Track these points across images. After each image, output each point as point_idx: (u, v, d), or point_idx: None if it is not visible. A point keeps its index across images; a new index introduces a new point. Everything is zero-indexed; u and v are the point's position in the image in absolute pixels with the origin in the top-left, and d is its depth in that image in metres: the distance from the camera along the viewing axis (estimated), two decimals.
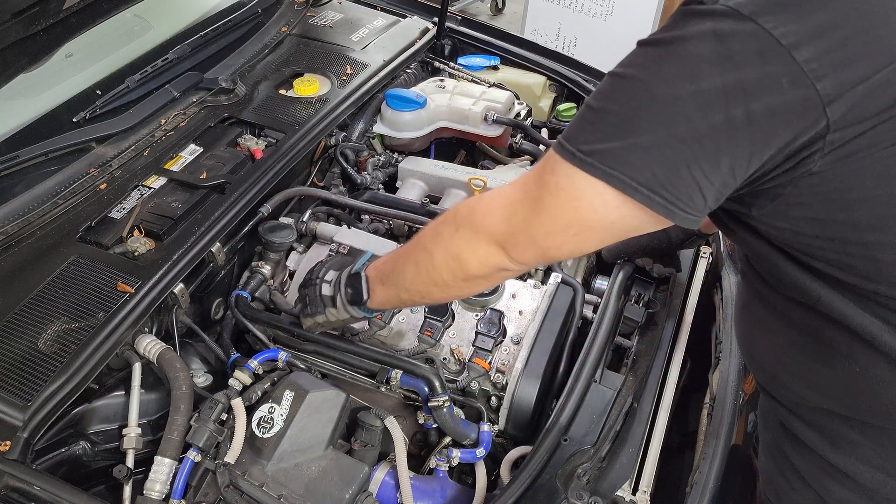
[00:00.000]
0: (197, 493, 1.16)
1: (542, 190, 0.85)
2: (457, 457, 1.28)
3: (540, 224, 0.86)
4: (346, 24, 2.23)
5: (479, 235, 0.94)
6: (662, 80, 0.76)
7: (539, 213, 0.86)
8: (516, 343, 1.41)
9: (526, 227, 0.88)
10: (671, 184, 0.77)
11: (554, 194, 0.84)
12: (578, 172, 0.80)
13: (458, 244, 0.97)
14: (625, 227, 0.84)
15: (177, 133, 1.72)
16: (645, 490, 1.18)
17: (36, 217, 1.45)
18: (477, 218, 0.94)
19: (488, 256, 0.94)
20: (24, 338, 1.23)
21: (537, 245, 0.89)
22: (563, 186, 0.82)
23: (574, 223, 0.84)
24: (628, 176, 0.77)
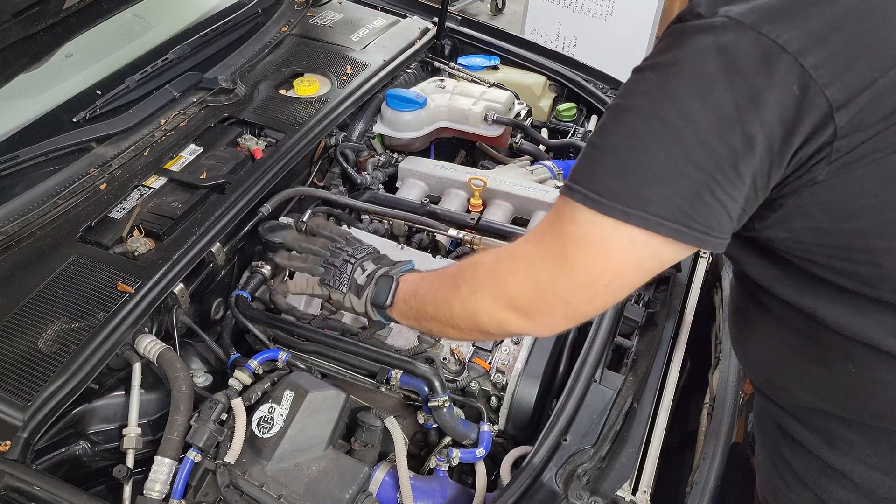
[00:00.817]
0: (197, 493, 1.16)
1: (565, 243, 0.80)
2: (457, 457, 1.28)
3: (569, 282, 0.82)
4: (346, 24, 2.23)
5: (498, 302, 0.89)
6: (671, 105, 0.73)
7: (566, 270, 0.81)
8: (516, 343, 1.41)
9: (553, 288, 0.83)
10: (697, 213, 0.74)
11: (578, 246, 0.79)
12: (599, 217, 0.76)
13: (476, 306, 0.92)
14: (658, 264, 0.80)
15: (177, 133, 1.72)
16: (645, 490, 1.18)
17: (36, 217, 1.45)
18: (497, 283, 0.90)
19: (508, 322, 0.90)
20: (24, 338, 1.23)
21: (567, 304, 0.84)
22: (587, 235, 0.78)
23: (605, 272, 0.80)
24: (651, 213, 0.74)
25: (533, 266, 0.84)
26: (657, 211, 0.73)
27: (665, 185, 0.73)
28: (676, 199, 0.73)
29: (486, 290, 0.91)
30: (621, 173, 0.75)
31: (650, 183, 0.74)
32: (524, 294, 0.86)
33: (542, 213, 1.71)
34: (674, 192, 0.73)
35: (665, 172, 0.73)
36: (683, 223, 0.74)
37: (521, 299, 0.86)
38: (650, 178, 0.74)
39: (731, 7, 0.72)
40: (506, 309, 0.89)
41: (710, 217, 0.74)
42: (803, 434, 0.98)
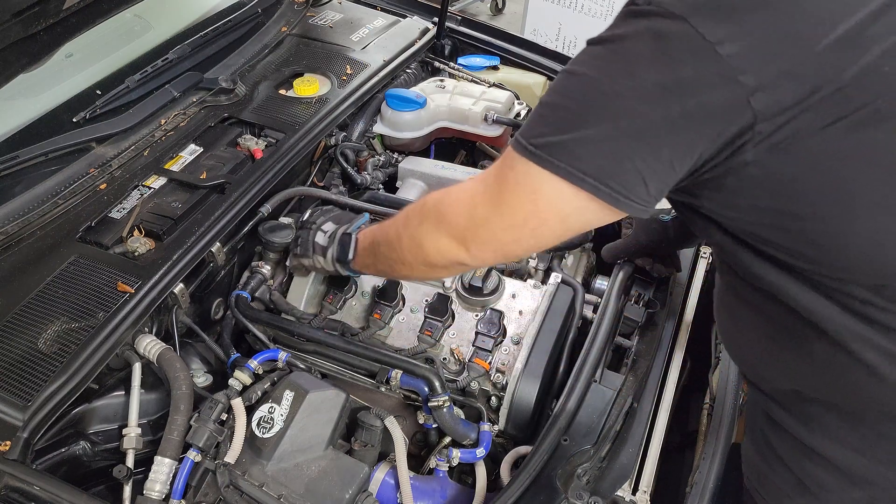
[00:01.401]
0: (197, 493, 1.16)
1: (502, 185, 0.90)
2: (457, 457, 1.28)
3: (501, 219, 0.91)
4: (346, 24, 2.23)
5: (440, 228, 0.99)
6: (607, 76, 0.81)
7: (499, 209, 0.90)
8: (516, 343, 1.41)
9: (486, 223, 0.92)
10: (616, 175, 0.81)
11: (513, 189, 0.88)
12: (533, 167, 0.84)
13: (422, 233, 1.03)
14: (579, 220, 0.88)
15: (177, 133, 1.72)
16: (645, 490, 1.18)
17: (36, 217, 1.45)
18: (441, 211, 1.00)
19: (448, 250, 0.99)
20: (24, 338, 1.23)
21: (496, 240, 0.93)
22: (520, 181, 0.87)
23: (532, 217, 0.88)
24: (576, 167, 0.82)
25: (473, 200, 0.94)
26: (582, 167, 0.82)
27: (593, 146, 0.81)
28: (600, 160, 0.81)
29: (430, 218, 1.02)
30: (558, 131, 0.84)
31: (581, 142, 0.82)
32: (462, 223, 0.96)
33: None
34: (599, 153, 0.81)
35: (594, 135, 0.81)
36: (603, 182, 0.82)
37: (459, 228, 0.96)
38: (581, 139, 0.82)
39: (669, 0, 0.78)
40: (445, 235, 0.99)
41: (627, 182, 0.82)
42: (784, 417, 1.01)
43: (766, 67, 0.75)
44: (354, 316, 1.50)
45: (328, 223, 1.38)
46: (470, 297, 1.45)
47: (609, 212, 0.85)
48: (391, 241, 1.13)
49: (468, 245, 0.96)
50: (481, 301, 1.45)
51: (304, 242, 1.38)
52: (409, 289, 1.50)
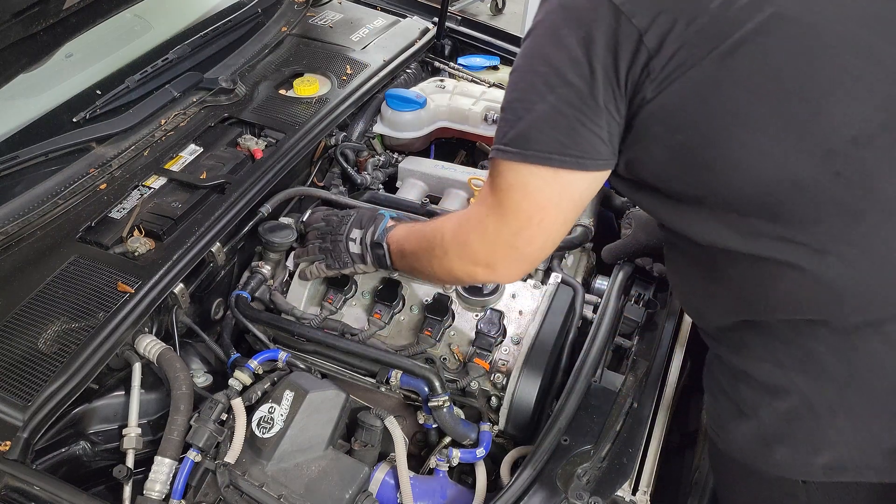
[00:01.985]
0: (197, 493, 1.16)
1: (497, 195, 0.97)
2: (457, 457, 1.28)
3: (509, 227, 0.97)
4: (346, 24, 2.23)
5: (464, 259, 1.07)
6: (537, 58, 0.91)
7: (504, 218, 0.97)
8: (516, 343, 1.41)
9: (500, 238, 0.99)
10: (575, 143, 0.91)
11: (507, 193, 0.96)
12: (512, 165, 0.94)
13: (450, 265, 1.10)
14: (571, 197, 0.96)
15: (177, 133, 1.72)
16: (645, 490, 1.18)
17: (36, 217, 1.45)
18: (460, 243, 1.07)
19: (477, 274, 1.08)
20: (24, 338, 1.23)
21: (514, 249, 0.99)
22: (509, 183, 0.95)
23: (531, 211, 0.96)
24: (540, 150, 0.91)
25: (481, 223, 1.01)
26: (544, 147, 0.91)
27: (546, 124, 0.91)
28: (556, 135, 0.91)
29: (452, 252, 1.09)
30: (515, 123, 0.93)
31: (535, 126, 0.91)
32: (481, 249, 1.03)
33: None
34: (553, 129, 0.91)
35: (543, 114, 0.91)
36: (565, 153, 0.91)
37: (480, 254, 1.03)
38: (534, 122, 0.91)
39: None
40: (472, 264, 1.06)
41: (585, 144, 0.91)
42: (723, 351, 1.10)
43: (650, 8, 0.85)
44: (354, 316, 1.50)
45: (353, 230, 1.36)
46: (470, 297, 1.45)
47: (589, 177, 0.94)
48: (422, 264, 1.20)
49: (495, 266, 1.04)
50: (481, 301, 1.45)
51: (339, 255, 1.38)
52: (409, 289, 1.50)
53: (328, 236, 1.40)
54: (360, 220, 1.38)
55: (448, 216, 1.15)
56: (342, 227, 1.39)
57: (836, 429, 0.96)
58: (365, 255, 1.34)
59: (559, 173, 0.92)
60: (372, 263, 1.35)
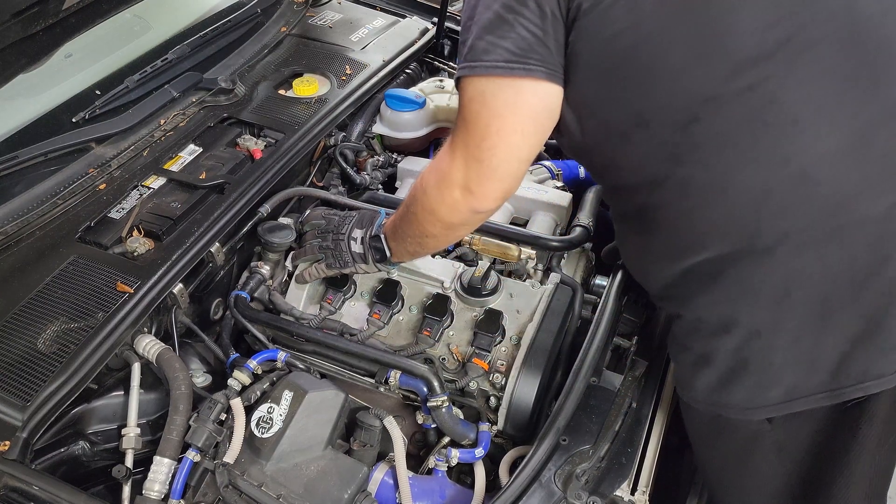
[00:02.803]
0: (196, 493, 1.16)
1: (462, 112, 1.04)
2: (456, 457, 1.28)
3: (472, 139, 1.03)
4: (346, 24, 2.23)
5: (441, 188, 1.10)
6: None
7: (467, 131, 1.03)
8: (515, 343, 1.41)
9: (466, 153, 1.04)
10: (521, 49, 0.97)
11: (467, 107, 1.03)
12: (468, 79, 1.01)
13: (430, 201, 1.13)
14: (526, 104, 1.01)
15: (176, 133, 1.72)
16: (644, 490, 1.18)
17: (35, 217, 1.45)
18: (434, 172, 1.11)
19: (456, 202, 1.10)
20: (23, 338, 1.23)
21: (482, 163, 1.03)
22: (467, 97, 1.02)
23: (489, 119, 1.01)
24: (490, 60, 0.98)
25: (451, 143, 1.07)
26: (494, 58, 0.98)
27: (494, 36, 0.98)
28: (503, 44, 0.97)
29: (430, 187, 1.12)
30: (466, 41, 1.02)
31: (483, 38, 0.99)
32: (452, 169, 1.07)
33: (541, 213, 1.71)
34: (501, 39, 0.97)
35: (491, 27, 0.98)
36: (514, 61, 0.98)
37: (453, 175, 1.07)
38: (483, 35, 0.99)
39: None
40: (448, 188, 1.08)
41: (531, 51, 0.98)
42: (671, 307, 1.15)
43: None
44: (353, 316, 1.50)
45: (354, 230, 1.38)
46: (469, 298, 1.45)
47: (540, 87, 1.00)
48: (409, 222, 1.22)
49: (470, 187, 1.06)
50: (480, 301, 1.45)
51: (340, 255, 1.38)
52: (408, 289, 1.50)
53: (329, 235, 1.40)
54: (361, 220, 1.39)
55: None
56: (343, 227, 1.39)
57: (782, 350, 1.01)
58: (366, 253, 1.35)
59: (510, 80, 0.99)
60: (373, 262, 1.36)
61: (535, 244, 1.59)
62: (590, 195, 1.73)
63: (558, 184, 1.83)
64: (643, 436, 1.23)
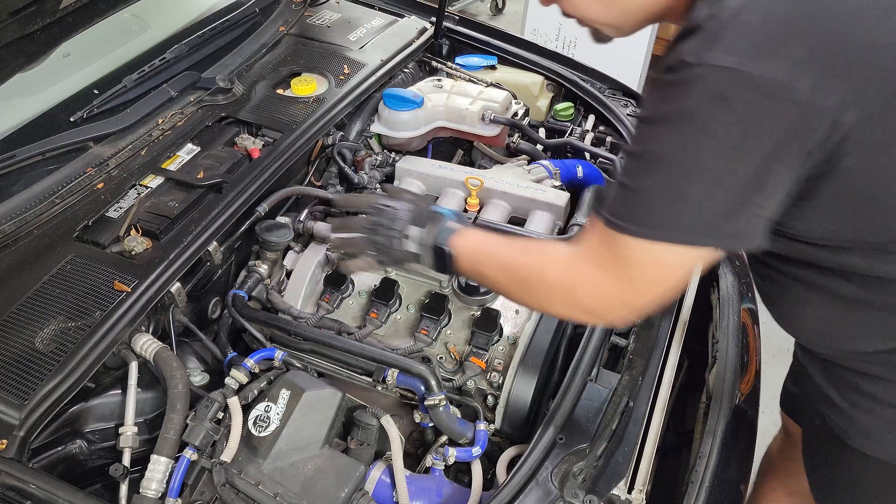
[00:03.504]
0: (193, 492, 1.16)
1: (627, 267, 0.93)
2: (453, 455, 1.28)
3: (635, 292, 0.96)
4: (344, 23, 2.23)
5: (572, 308, 1.04)
6: (692, 147, 0.84)
7: (632, 286, 0.95)
8: (512, 342, 1.41)
9: (622, 299, 0.97)
10: (733, 225, 0.87)
11: (639, 267, 0.93)
12: (654, 245, 0.89)
13: (549, 306, 1.07)
14: (704, 262, 0.93)
15: (174, 132, 1.72)
16: (641, 489, 1.18)
17: (33, 216, 1.45)
18: (568, 295, 1.02)
19: (580, 319, 1.08)
20: (20, 336, 1.23)
21: (633, 307, 0.98)
22: (645, 259, 0.92)
23: (664, 280, 0.95)
24: (695, 233, 0.87)
25: (600, 286, 0.98)
26: (699, 231, 0.87)
27: (701, 211, 0.86)
28: (712, 219, 0.86)
29: (557, 299, 1.04)
30: (662, 207, 0.88)
31: (689, 211, 0.87)
32: (596, 304, 1.00)
33: (540, 213, 1.71)
34: (709, 215, 0.86)
35: (698, 201, 0.86)
36: (723, 236, 0.88)
37: (593, 307, 1.01)
38: (688, 208, 0.86)
39: (713, 54, 0.81)
40: (578, 312, 1.04)
41: (743, 226, 0.88)
42: (871, 368, 1.11)
43: (840, 84, 0.79)
44: (351, 315, 1.50)
45: (410, 227, 1.23)
46: (466, 297, 1.45)
47: None
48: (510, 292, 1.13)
49: (602, 316, 1.03)
50: (478, 300, 1.45)
51: (387, 250, 1.24)
52: (405, 288, 1.50)
53: (381, 229, 1.25)
54: (418, 217, 1.25)
55: (545, 251, 1.07)
56: (397, 222, 1.25)
57: None
58: (423, 256, 1.22)
59: (701, 250, 0.90)
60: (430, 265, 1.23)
61: None
62: (587, 195, 1.73)
63: (556, 183, 1.83)
64: (640, 434, 1.23)
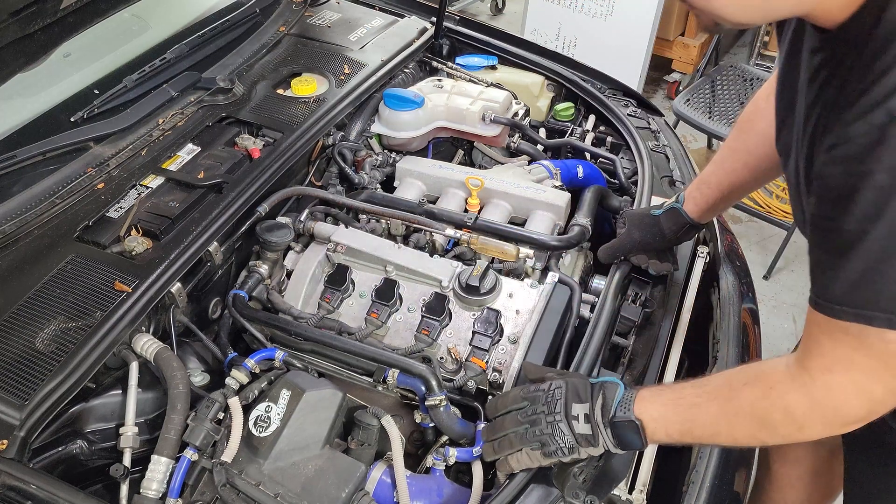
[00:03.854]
0: (193, 492, 1.16)
1: (888, 360, 0.85)
2: (453, 455, 1.28)
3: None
4: (345, 23, 2.23)
5: (833, 426, 0.95)
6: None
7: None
8: (513, 342, 1.41)
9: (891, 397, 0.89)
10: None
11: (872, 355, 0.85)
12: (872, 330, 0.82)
13: (807, 436, 0.97)
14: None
15: (174, 132, 1.72)
16: (641, 489, 1.18)
17: (33, 216, 1.45)
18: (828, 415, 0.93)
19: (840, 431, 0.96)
20: (21, 337, 1.23)
21: None
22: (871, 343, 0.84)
23: None
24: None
25: (864, 389, 0.89)
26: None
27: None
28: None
29: (817, 424, 0.94)
30: None
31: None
32: (862, 411, 0.91)
33: (540, 213, 1.71)
34: None
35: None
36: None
37: (860, 415, 0.92)
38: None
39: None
40: (841, 427, 0.94)
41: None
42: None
43: None
44: (352, 315, 1.50)
45: (573, 405, 1.10)
46: (467, 297, 1.45)
47: None
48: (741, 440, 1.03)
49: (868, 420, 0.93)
50: (478, 300, 1.45)
51: (553, 438, 1.09)
52: (406, 288, 1.50)
53: (540, 417, 1.12)
54: (577, 392, 1.12)
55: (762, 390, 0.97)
56: (556, 404, 1.11)
57: None
58: (597, 436, 1.09)
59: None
60: (606, 444, 1.09)
61: (533, 244, 1.59)
62: (588, 195, 1.73)
63: (556, 183, 1.83)
64: None
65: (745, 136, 1.36)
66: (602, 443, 1.09)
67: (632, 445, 1.07)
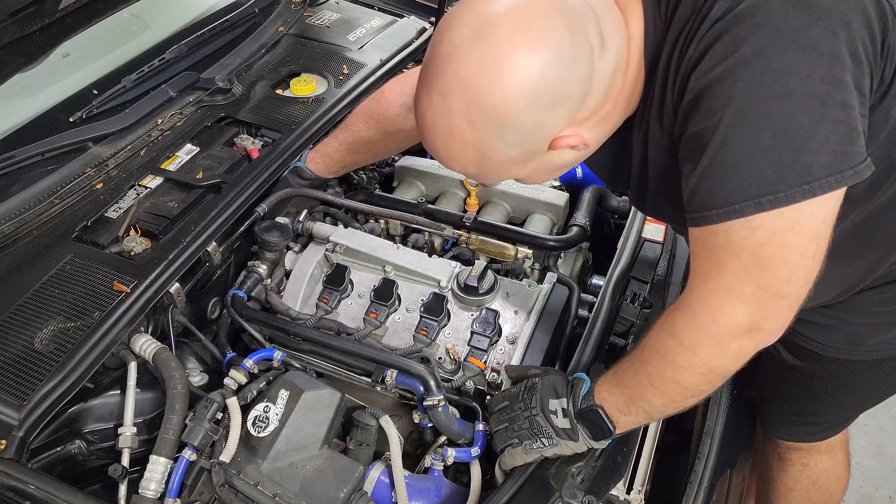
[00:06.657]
0: (192, 492, 1.16)
1: (754, 252, 0.83)
2: (452, 456, 1.28)
3: (776, 276, 0.84)
4: (344, 23, 2.23)
5: (723, 341, 0.91)
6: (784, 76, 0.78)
7: (769, 270, 0.84)
8: (511, 342, 1.41)
9: (764, 293, 0.86)
10: (853, 147, 0.80)
11: (770, 245, 0.83)
12: (781, 210, 0.80)
13: (705, 362, 0.94)
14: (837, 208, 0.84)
15: (173, 133, 1.72)
16: (639, 489, 1.18)
17: (32, 216, 1.45)
18: (709, 329, 0.91)
19: (743, 348, 0.92)
20: (20, 337, 1.23)
21: (784, 296, 0.86)
22: (774, 231, 0.82)
23: (805, 246, 0.83)
24: (821, 175, 0.79)
25: (733, 291, 0.86)
26: (825, 170, 0.79)
27: (821, 143, 0.78)
28: (835, 147, 0.79)
29: (704, 343, 0.92)
30: (777, 163, 0.79)
31: (808, 151, 0.78)
32: (742, 316, 0.87)
33: (539, 213, 1.71)
34: (831, 144, 0.78)
35: (816, 133, 0.78)
36: (845, 166, 0.79)
37: (743, 322, 0.88)
38: (806, 148, 0.78)
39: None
40: (733, 340, 0.90)
41: (858, 146, 0.80)
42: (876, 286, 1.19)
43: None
44: (350, 315, 1.50)
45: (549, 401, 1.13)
46: (465, 297, 1.45)
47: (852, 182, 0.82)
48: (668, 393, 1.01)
49: (762, 326, 0.89)
50: (477, 300, 1.45)
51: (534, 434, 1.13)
52: (404, 289, 1.50)
53: (518, 414, 1.16)
54: (554, 388, 1.14)
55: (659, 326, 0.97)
56: (532, 399, 1.15)
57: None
58: (575, 430, 1.11)
59: (832, 195, 0.80)
60: (584, 438, 1.11)
61: (531, 243, 1.59)
62: (586, 195, 1.73)
63: (555, 183, 1.83)
64: (639, 435, 1.23)
65: None
66: (581, 436, 1.11)
67: (604, 433, 1.09)
